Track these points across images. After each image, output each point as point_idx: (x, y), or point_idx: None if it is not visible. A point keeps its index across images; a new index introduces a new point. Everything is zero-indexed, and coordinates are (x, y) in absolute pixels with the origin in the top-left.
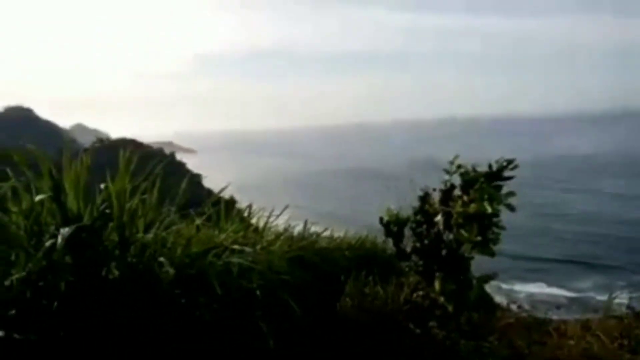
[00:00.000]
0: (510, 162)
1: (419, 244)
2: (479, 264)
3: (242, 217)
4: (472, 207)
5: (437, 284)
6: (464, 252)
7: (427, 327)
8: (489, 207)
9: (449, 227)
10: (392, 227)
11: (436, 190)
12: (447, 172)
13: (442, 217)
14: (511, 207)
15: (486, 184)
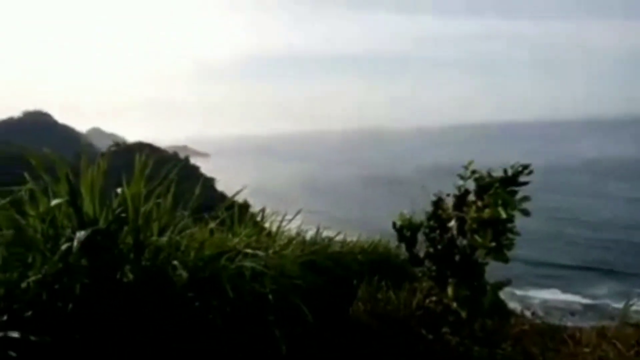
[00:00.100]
0: (525, 167)
1: (432, 250)
2: (491, 269)
3: (255, 221)
4: (486, 212)
5: (450, 290)
6: (477, 257)
7: (440, 333)
8: (503, 213)
9: (462, 232)
10: (405, 232)
11: (450, 195)
12: (461, 177)
13: (455, 222)
14: (526, 212)
15: (501, 189)
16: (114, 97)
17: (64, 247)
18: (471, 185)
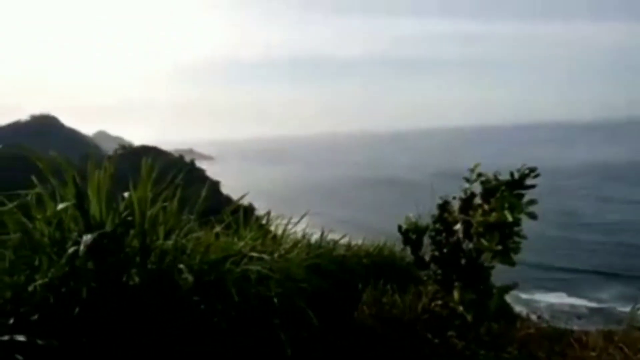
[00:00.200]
0: (532, 171)
1: (437, 253)
2: (496, 273)
3: (261, 225)
4: (493, 215)
5: (456, 294)
6: (483, 261)
7: (445, 336)
8: (510, 216)
9: (468, 235)
10: (411, 235)
11: (456, 198)
12: (467, 180)
13: (461, 225)
14: (533, 216)
15: (507, 192)
16: (113, 100)
17: (70, 250)
18: (477, 188)
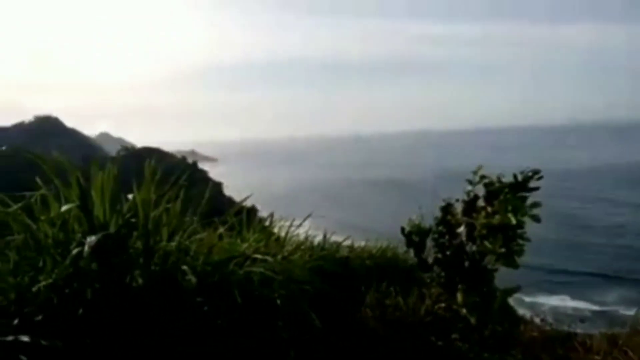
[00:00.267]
0: (535, 173)
1: (441, 255)
2: (497, 275)
3: (264, 227)
4: (496, 218)
5: (459, 296)
6: (487, 263)
7: (449, 339)
8: (513, 219)
9: (472, 238)
10: (414, 238)
11: (459, 200)
12: (470, 182)
13: (465, 228)
14: (536, 218)
15: (511, 194)
16: (111, 102)
17: (74, 251)
18: (480, 190)
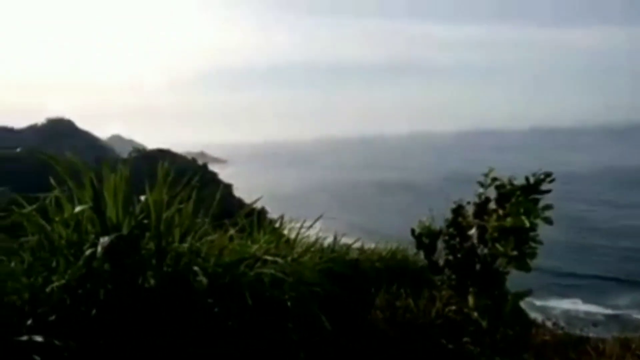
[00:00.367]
0: (547, 175)
1: (451, 258)
2: (509, 279)
3: (274, 228)
4: (508, 220)
5: (470, 299)
6: (498, 266)
7: (460, 342)
8: (526, 221)
9: (483, 240)
10: (424, 240)
11: (470, 203)
12: (481, 184)
13: (476, 230)
14: (548, 221)
15: (523, 197)
16: (120, 104)
17: (88, 252)
18: (492, 193)
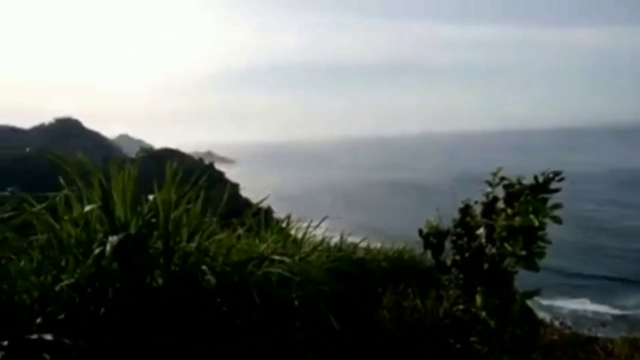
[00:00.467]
0: (556, 175)
1: (459, 257)
2: (517, 279)
3: (281, 228)
4: (517, 220)
5: (478, 299)
6: (507, 266)
7: (468, 342)
8: (536, 220)
9: (491, 240)
10: (432, 239)
11: (477, 202)
12: (489, 184)
13: (484, 230)
14: (557, 220)
15: (531, 196)
16: (124, 105)
17: (96, 251)
18: (499, 192)
